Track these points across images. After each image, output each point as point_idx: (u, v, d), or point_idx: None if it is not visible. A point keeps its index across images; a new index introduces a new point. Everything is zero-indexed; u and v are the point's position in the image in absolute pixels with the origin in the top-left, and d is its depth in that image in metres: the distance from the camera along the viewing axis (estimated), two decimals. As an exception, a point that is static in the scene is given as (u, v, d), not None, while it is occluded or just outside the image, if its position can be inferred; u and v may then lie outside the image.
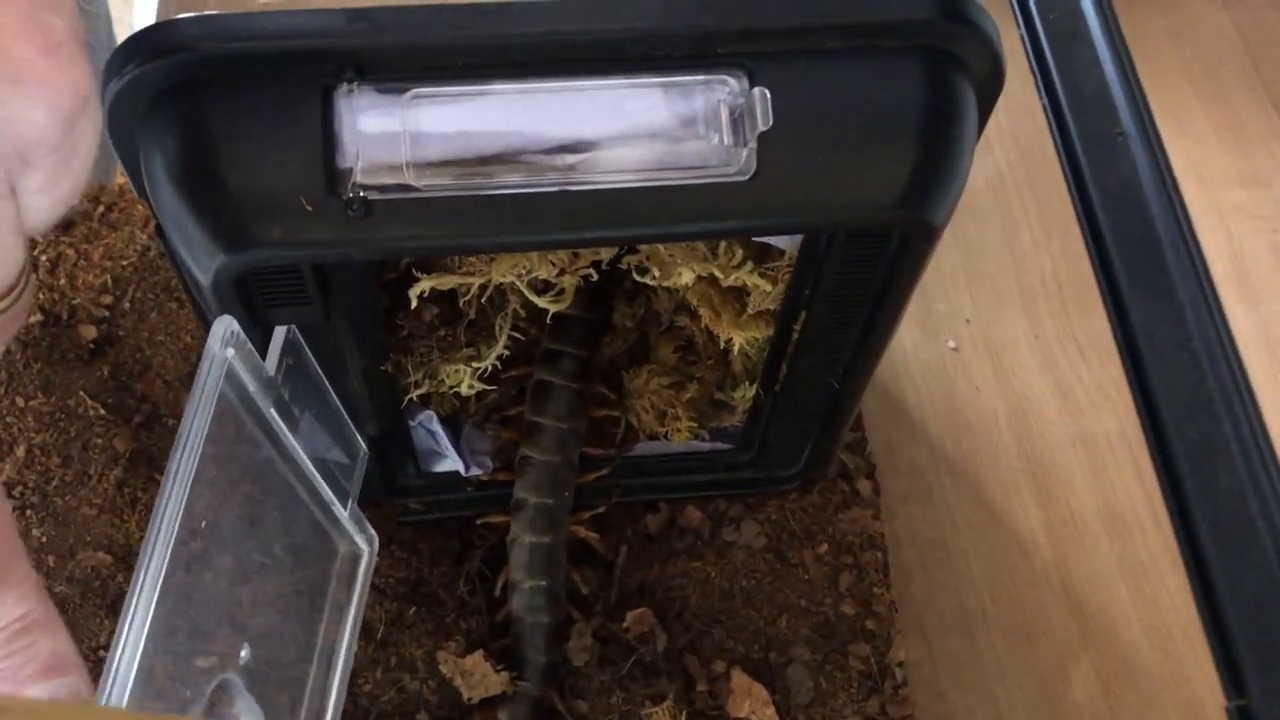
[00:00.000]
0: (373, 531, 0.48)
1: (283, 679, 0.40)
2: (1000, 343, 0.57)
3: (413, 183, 0.36)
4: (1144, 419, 0.36)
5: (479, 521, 0.63)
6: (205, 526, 0.33)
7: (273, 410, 0.37)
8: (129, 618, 0.29)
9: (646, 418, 0.61)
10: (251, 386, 0.36)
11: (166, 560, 0.30)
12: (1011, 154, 0.55)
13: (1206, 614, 0.34)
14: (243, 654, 0.36)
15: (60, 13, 0.21)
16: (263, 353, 0.38)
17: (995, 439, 0.56)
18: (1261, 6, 0.68)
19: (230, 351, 0.33)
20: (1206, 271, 0.38)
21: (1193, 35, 0.68)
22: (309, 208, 0.36)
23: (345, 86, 0.36)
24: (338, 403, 0.45)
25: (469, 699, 0.58)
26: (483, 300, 0.51)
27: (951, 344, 0.61)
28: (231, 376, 0.34)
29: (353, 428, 0.47)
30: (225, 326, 0.33)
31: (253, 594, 0.38)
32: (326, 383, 0.44)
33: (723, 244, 0.48)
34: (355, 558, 0.47)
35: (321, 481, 0.43)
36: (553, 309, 0.51)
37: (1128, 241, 0.39)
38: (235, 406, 0.35)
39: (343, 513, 0.45)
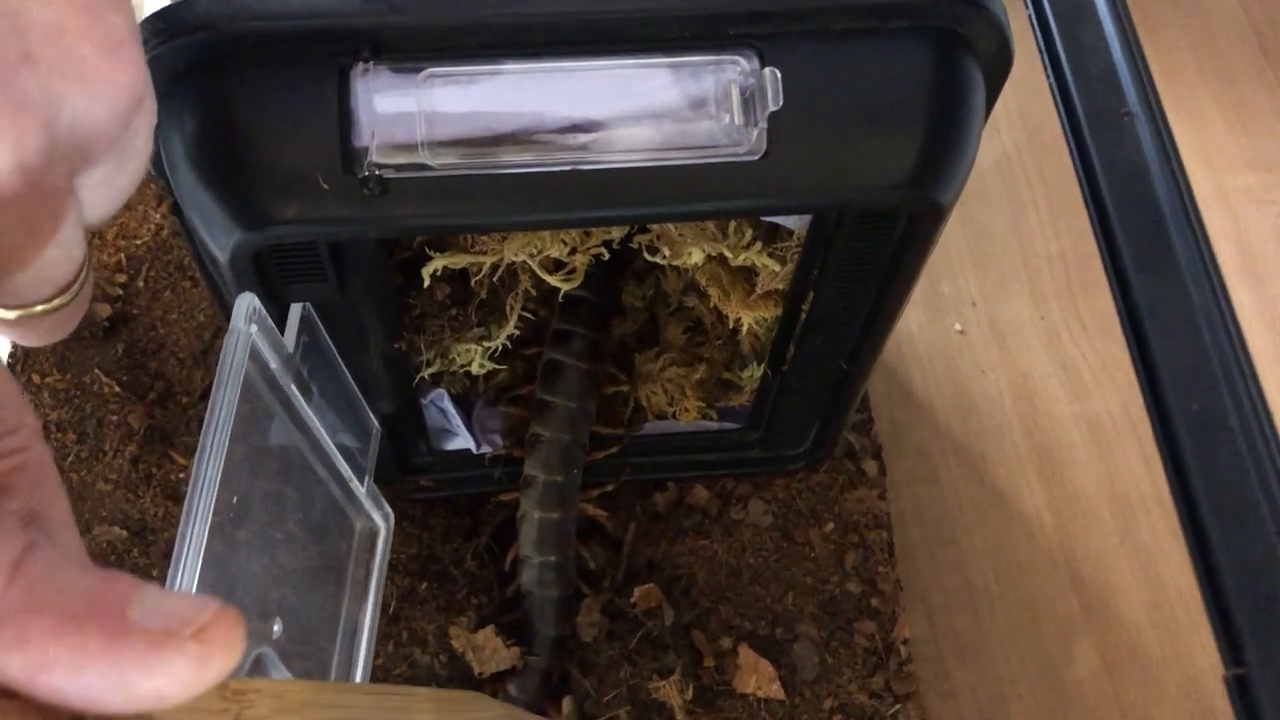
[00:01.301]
0: (389, 508, 0.48)
1: (310, 653, 0.40)
2: (1006, 324, 0.57)
3: (427, 161, 0.36)
4: (1146, 393, 0.37)
5: (491, 499, 0.64)
6: (237, 502, 0.34)
7: (293, 386, 0.38)
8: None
9: (656, 398, 0.62)
10: (273, 363, 0.36)
11: (205, 538, 0.30)
12: (1019, 135, 0.55)
13: (1206, 584, 0.35)
14: (275, 629, 0.37)
15: (120, 12, 0.21)
16: (280, 330, 0.38)
17: (1000, 420, 0.56)
18: (1271, -11, 0.68)
19: (253, 328, 0.34)
20: (1209, 247, 0.38)
21: (1202, 18, 0.68)
22: (325, 186, 0.36)
23: (361, 66, 0.36)
24: (351, 380, 0.46)
25: (480, 673, 0.59)
26: (494, 279, 0.52)
27: (958, 326, 0.62)
28: (254, 354, 0.35)
29: (366, 405, 0.47)
30: (248, 303, 0.33)
31: (278, 569, 0.38)
32: (340, 360, 0.44)
33: (732, 224, 0.49)
34: (373, 534, 0.48)
35: (339, 458, 0.43)
36: (564, 288, 0.52)
37: (1132, 218, 0.39)
38: (257, 383, 0.36)
39: (360, 489, 0.46)
